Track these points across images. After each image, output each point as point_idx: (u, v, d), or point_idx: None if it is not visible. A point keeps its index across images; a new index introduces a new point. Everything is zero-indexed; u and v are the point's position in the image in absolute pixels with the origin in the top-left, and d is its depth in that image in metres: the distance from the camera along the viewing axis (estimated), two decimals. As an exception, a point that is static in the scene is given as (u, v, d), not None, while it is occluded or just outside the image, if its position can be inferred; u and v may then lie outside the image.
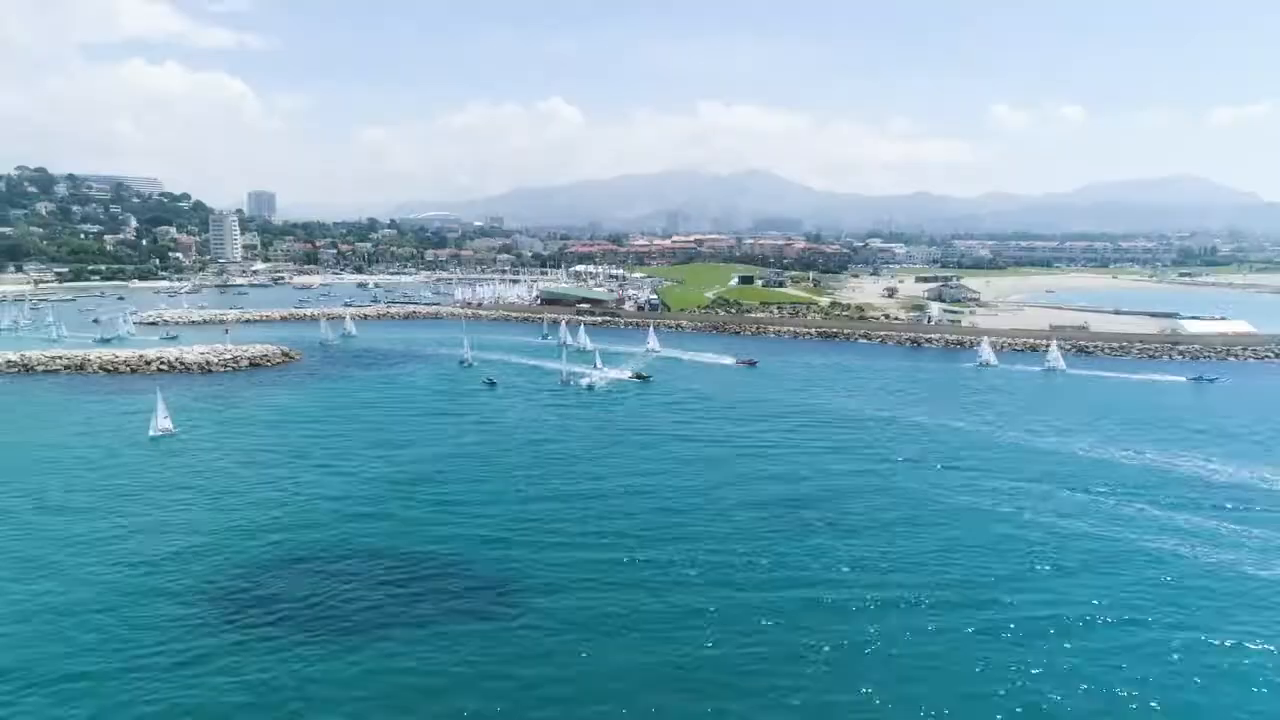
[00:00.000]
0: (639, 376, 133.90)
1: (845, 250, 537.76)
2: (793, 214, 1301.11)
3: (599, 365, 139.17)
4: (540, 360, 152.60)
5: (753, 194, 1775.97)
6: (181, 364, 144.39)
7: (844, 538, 64.87)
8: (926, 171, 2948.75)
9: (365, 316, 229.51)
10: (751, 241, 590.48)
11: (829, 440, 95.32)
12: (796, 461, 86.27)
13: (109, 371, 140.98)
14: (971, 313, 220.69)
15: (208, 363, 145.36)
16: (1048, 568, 59.68)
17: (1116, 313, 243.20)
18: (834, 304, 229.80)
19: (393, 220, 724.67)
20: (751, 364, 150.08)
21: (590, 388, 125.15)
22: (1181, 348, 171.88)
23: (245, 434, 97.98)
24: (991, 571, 58.88)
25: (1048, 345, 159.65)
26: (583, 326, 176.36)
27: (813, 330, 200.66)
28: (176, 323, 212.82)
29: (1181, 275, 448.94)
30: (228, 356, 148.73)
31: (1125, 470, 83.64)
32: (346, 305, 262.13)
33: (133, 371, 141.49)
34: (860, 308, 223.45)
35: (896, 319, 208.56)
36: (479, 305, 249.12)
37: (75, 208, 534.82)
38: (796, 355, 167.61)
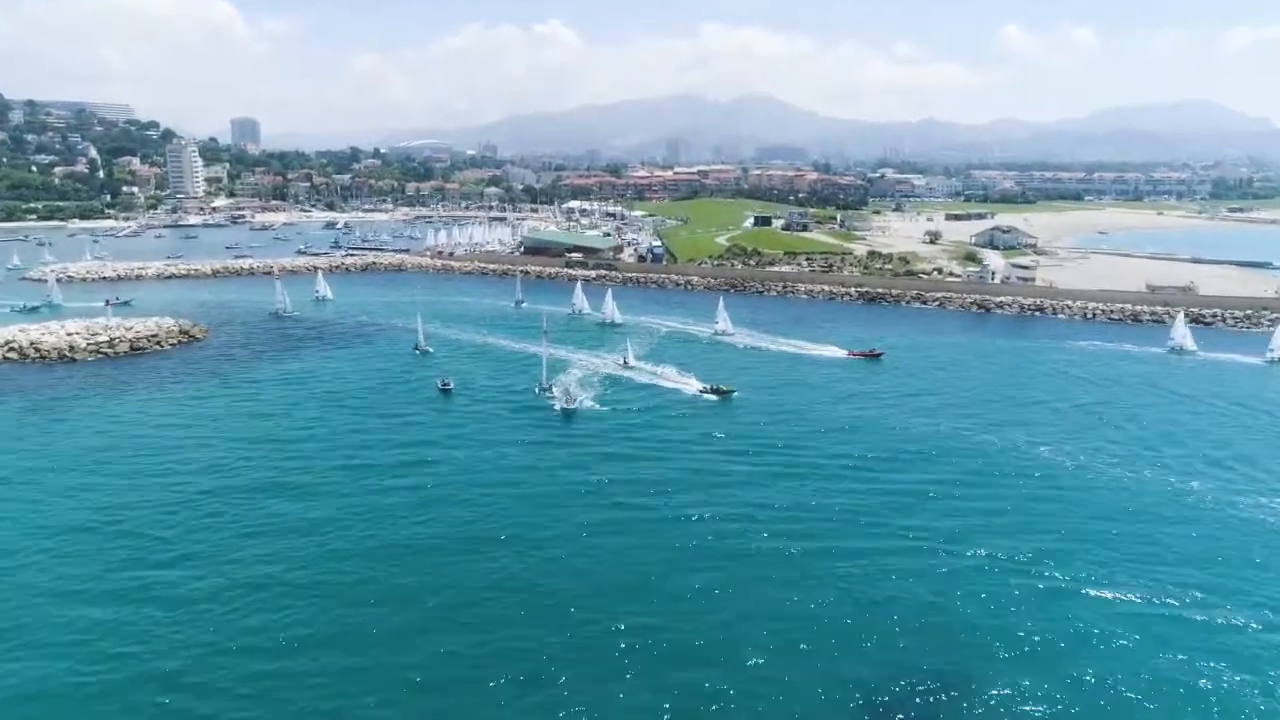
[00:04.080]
0: (716, 390, 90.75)
1: (861, 182, 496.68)
2: (796, 141, 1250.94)
3: (629, 357, 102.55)
4: (523, 342, 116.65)
5: (754, 120, 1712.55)
6: (37, 350, 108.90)
7: None
8: (932, 97, 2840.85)
9: (315, 269, 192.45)
10: (759, 173, 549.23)
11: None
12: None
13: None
14: (1034, 263, 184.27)
15: (72, 348, 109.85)
16: None
17: (1196, 261, 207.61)
18: (872, 254, 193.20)
19: (377, 149, 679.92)
20: (874, 356, 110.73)
21: (567, 413, 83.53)
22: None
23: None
24: None
25: (1258, 319, 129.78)
26: (610, 292, 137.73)
27: (852, 290, 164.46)
28: (87, 279, 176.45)
29: (1231, 210, 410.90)
30: (102, 339, 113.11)
31: None
32: (301, 252, 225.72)
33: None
34: (904, 259, 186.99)
35: (952, 275, 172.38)
36: (450, 254, 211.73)
37: (30, 137, 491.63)
38: (839, 325, 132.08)
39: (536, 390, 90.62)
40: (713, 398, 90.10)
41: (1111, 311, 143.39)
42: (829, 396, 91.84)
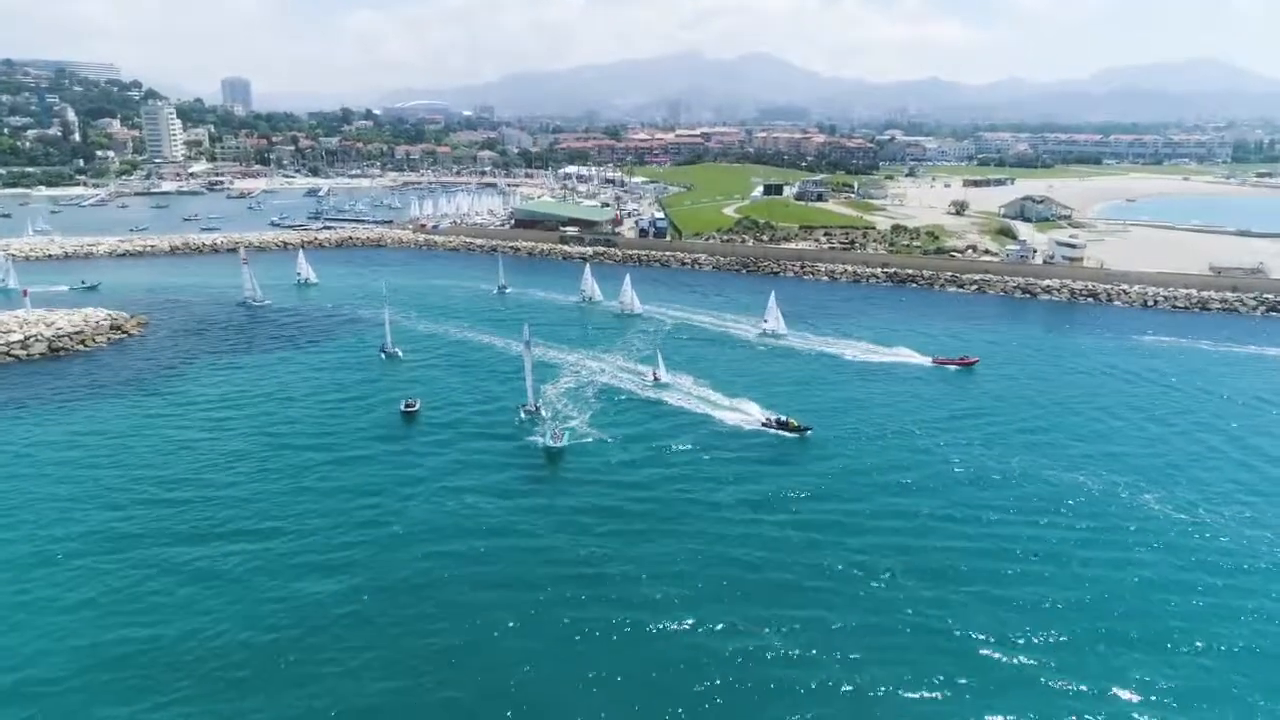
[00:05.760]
0: (786, 426, 70.15)
1: (870, 145, 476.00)
2: (798, 101, 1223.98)
3: (660, 371, 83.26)
4: (508, 339, 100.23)
5: (755, 80, 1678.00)
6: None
7: None
8: (936, 56, 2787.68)
9: (286, 244, 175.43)
10: (763, 135, 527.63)
11: None
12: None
13: None
14: (1074, 237, 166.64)
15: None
16: None
17: (1244, 235, 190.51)
18: (896, 227, 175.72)
19: (369, 110, 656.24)
20: (967, 365, 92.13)
21: (553, 452, 65.50)
22: None
23: None
24: None
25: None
26: (629, 278, 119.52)
27: (878, 270, 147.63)
28: (30, 257, 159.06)
29: (1260, 175, 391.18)
30: (15, 338, 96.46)
31: None
32: (276, 224, 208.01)
33: None
34: (932, 233, 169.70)
35: (989, 253, 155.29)
36: (435, 227, 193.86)
37: (5, 98, 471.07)
38: (876, 315, 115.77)
39: (521, 415, 73.83)
40: (789, 434, 69.67)
41: (1175, 299, 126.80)
42: (933, 430, 72.02)
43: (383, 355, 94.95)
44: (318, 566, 49.55)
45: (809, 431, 69.83)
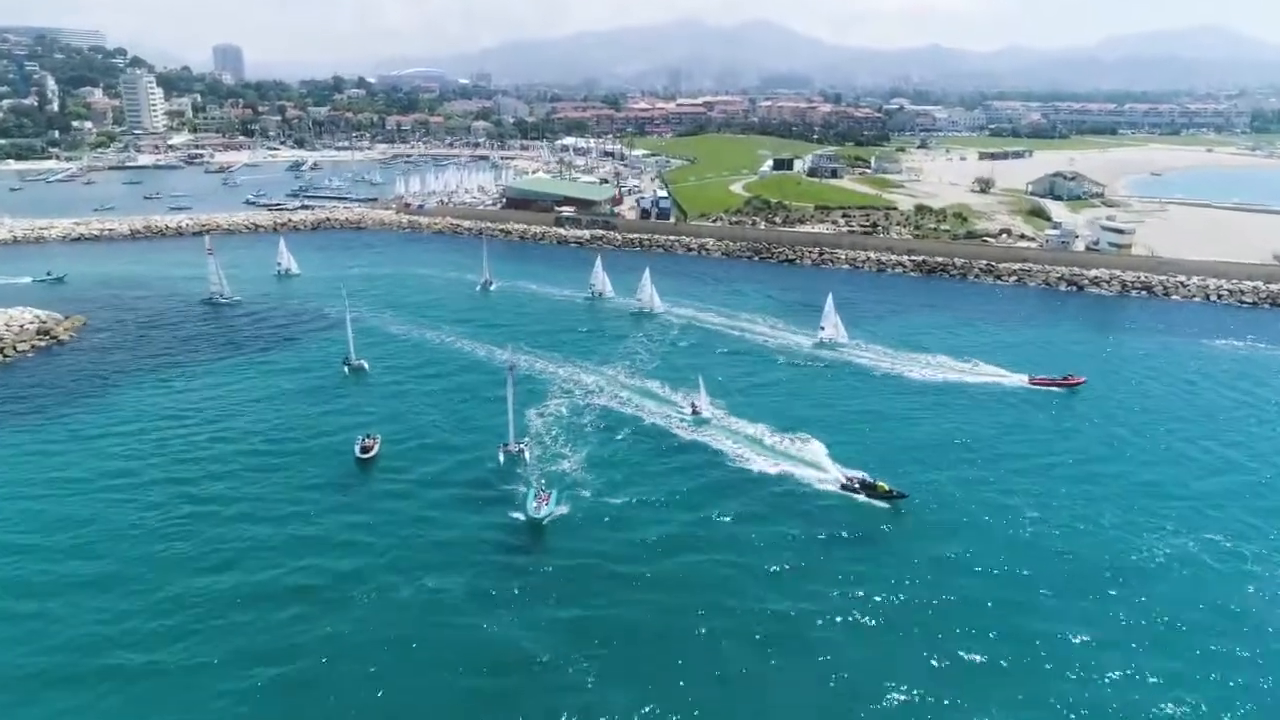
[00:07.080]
0: (874, 490, 54.62)
1: (878, 115, 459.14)
2: (801, 69, 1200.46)
3: (702, 401, 66.72)
4: (491, 347, 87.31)
5: (757, 47, 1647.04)
6: None
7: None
8: (938, 23, 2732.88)
9: (258, 227, 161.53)
10: (767, 104, 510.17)
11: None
12: None
13: None
14: (1113, 217, 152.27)
15: None
16: None
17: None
18: (920, 208, 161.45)
19: (362, 79, 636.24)
20: (1071, 386, 77.20)
21: (539, 520, 51.41)
22: None
23: None
24: None
25: None
26: (648, 272, 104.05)
27: (905, 258, 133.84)
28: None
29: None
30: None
31: None
32: (251, 203, 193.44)
33: None
34: (960, 215, 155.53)
35: (1023, 237, 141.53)
36: (420, 207, 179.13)
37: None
38: (909, 312, 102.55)
39: (501, 458, 60.66)
40: (877, 499, 54.35)
41: (1242, 293, 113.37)
42: (1057, 484, 56.75)
43: (346, 369, 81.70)
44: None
45: (904, 500, 54.49)
